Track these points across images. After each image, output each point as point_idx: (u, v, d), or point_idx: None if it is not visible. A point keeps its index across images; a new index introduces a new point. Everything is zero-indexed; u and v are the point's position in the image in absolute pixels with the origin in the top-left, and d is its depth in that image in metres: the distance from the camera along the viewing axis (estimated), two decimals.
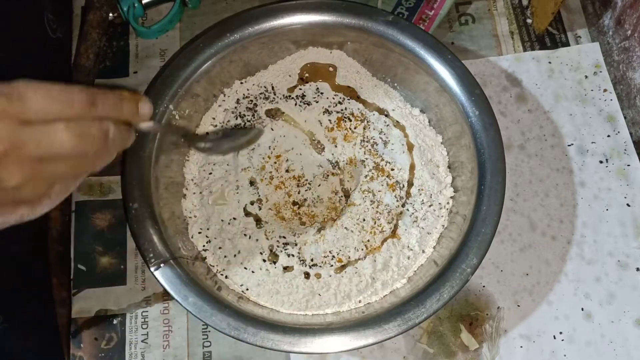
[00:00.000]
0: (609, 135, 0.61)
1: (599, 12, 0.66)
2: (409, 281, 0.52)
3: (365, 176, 0.56)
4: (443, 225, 0.53)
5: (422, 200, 0.55)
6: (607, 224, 0.58)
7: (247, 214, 0.54)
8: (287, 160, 0.57)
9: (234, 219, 0.54)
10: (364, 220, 0.54)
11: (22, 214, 0.34)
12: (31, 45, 0.55)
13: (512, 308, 0.55)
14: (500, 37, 0.65)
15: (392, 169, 0.56)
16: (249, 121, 0.57)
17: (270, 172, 0.56)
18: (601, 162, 0.60)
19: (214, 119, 0.57)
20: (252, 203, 0.55)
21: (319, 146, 0.57)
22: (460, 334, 0.54)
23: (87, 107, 0.33)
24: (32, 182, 0.33)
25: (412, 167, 0.56)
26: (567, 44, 0.65)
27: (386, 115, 0.58)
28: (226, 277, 0.52)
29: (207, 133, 0.56)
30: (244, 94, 0.58)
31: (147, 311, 0.55)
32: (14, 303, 0.56)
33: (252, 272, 0.52)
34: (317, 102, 0.58)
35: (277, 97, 0.58)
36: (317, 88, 0.58)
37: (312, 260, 0.52)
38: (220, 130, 0.56)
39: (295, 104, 0.58)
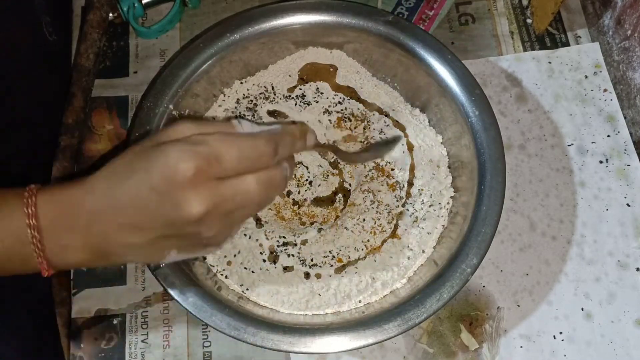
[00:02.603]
0: (609, 135, 0.61)
1: (599, 12, 0.66)
2: (409, 281, 0.52)
3: (365, 176, 0.56)
4: (443, 225, 0.53)
5: (422, 200, 0.55)
6: (607, 224, 0.58)
7: None
8: None
9: None
10: (364, 220, 0.54)
11: (210, 252, 0.42)
12: (28, 49, 0.55)
13: (512, 308, 0.55)
14: (500, 37, 0.65)
15: (392, 169, 0.56)
16: (249, 121, 0.57)
17: None
18: (601, 162, 0.60)
19: (214, 119, 0.57)
20: None
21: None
22: (460, 334, 0.54)
23: (272, 158, 0.37)
24: (224, 230, 0.38)
25: (412, 167, 0.56)
26: (567, 44, 0.65)
27: (386, 115, 0.58)
28: (226, 277, 0.52)
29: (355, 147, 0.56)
30: (244, 94, 0.58)
31: (147, 311, 0.55)
32: (14, 303, 0.56)
33: (252, 272, 0.52)
34: (317, 102, 0.58)
35: (277, 97, 0.58)
36: (317, 88, 0.58)
37: (312, 260, 0.52)
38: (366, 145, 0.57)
39: (295, 104, 0.58)
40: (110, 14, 0.63)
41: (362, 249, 0.53)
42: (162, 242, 0.37)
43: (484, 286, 0.56)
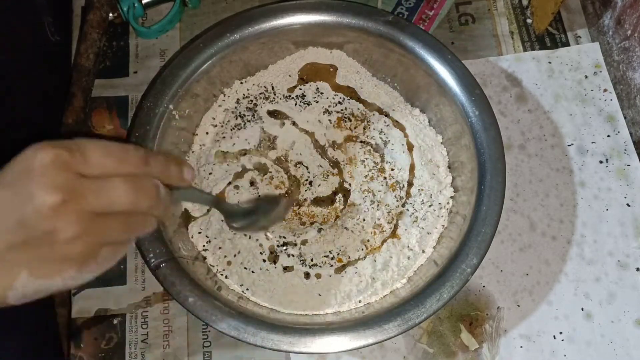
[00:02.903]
0: (609, 135, 0.61)
1: (599, 12, 0.66)
2: (409, 281, 0.52)
3: (365, 176, 0.56)
4: (443, 225, 0.53)
5: (422, 200, 0.55)
6: (607, 224, 0.58)
7: None
8: (287, 160, 0.57)
9: None
10: (364, 220, 0.54)
11: (68, 275, 0.33)
12: (30, 49, 0.55)
13: (512, 308, 0.55)
14: (500, 37, 0.65)
15: (392, 169, 0.56)
16: (249, 121, 0.57)
17: (270, 172, 0.56)
18: (601, 162, 0.60)
19: (214, 119, 0.57)
20: None
21: (319, 146, 0.57)
22: (460, 334, 0.54)
23: (141, 165, 0.35)
24: (85, 238, 0.32)
25: (412, 167, 0.56)
26: (567, 44, 0.65)
27: (386, 115, 0.58)
28: (226, 277, 0.52)
29: (238, 207, 0.53)
30: (244, 94, 0.58)
31: (147, 311, 0.55)
32: (19, 335, 0.56)
33: (252, 272, 0.52)
34: (317, 102, 0.58)
35: (277, 97, 0.58)
36: (317, 88, 0.58)
37: (312, 260, 0.52)
38: (250, 205, 0.53)
39: (295, 104, 0.58)
40: (110, 14, 0.63)
41: (362, 249, 0.53)
42: (11, 256, 0.31)
43: (484, 286, 0.56)
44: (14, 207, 0.30)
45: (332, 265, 0.52)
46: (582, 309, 0.55)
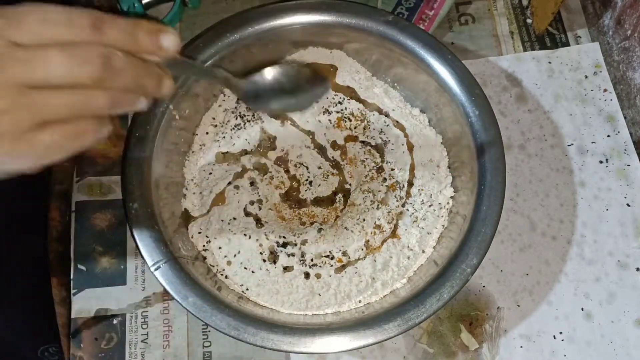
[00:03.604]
0: (609, 135, 0.61)
1: (599, 12, 0.66)
2: (409, 281, 0.52)
3: (365, 176, 0.56)
4: (443, 225, 0.53)
5: (422, 200, 0.55)
6: (607, 224, 0.58)
7: (247, 214, 0.54)
8: (288, 160, 0.57)
9: (234, 219, 0.54)
10: (364, 220, 0.54)
11: (4, 148, 0.29)
12: None
13: (512, 308, 0.55)
14: (500, 37, 0.65)
15: (392, 169, 0.56)
16: (249, 121, 0.57)
17: (270, 172, 0.56)
18: (601, 162, 0.60)
19: (214, 119, 0.57)
20: (252, 203, 0.55)
21: (319, 146, 0.57)
22: (460, 334, 0.54)
23: (90, 31, 0.29)
24: (16, 111, 0.28)
25: (412, 167, 0.56)
26: (567, 44, 0.65)
27: (386, 115, 0.58)
28: (226, 277, 0.52)
29: (258, 73, 0.46)
30: None
31: (147, 311, 0.55)
32: (13, 303, 0.56)
33: (252, 272, 0.52)
34: (317, 102, 0.58)
35: None
36: None
37: (312, 260, 0.52)
38: (272, 80, 0.46)
39: None
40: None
41: (362, 249, 0.53)
42: None
43: (484, 286, 0.56)
44: None
45: (332, 265, 0.52)
46: (582, 309, 0.55)
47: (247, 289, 0.51)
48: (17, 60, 0.28)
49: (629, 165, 0.60)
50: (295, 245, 0.53)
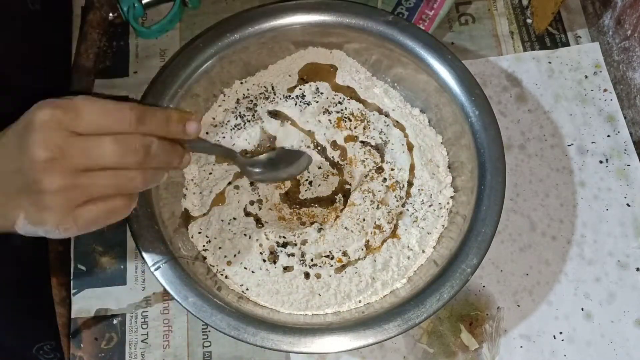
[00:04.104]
0: (609, 135, 0.61)
1: (599, 12, 0.66)
2: (409, 281, 0.52)
3: (365, 176, 0.56)
4: (443, 225, 0.53)
5: (422, 200, 0.55)
6: (607, 224, 0.58)
7: (247, 214, 0.54)
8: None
9: (234, 219, 0.54)
10: (364, 220, 0.54)
11: (50, 224, 0.35)
12: (6, 17, 0.54)
13: (512, 308, 0.55)
14: (500, 37, 0.65)
15: (392, 169, 0.56)
16: (249, 121, 0.57)
17: None
18: (601, 162, 0.60)
19: (214, 119, 0.57)
20: (252, 203, 0.55)
21: (319, 146, 0.57)
22: (460, 334, 0.54)
23: (135, 122, 0.36)
24: (66, 193, 0.35)
25: (412, 167, 0.56)
26: (567, 44, 0.65)
27: (386, 115, 0.58)
28: (226, 277, 0.52)
29: (258, 156, 0.55)
30: (244, 94, 0.58)
31: (147, 311, 0.55)
32: (14, 303, 0.56)
33: (252, 272, 0.52)
34: (317, 102, 0.58)
35: (277, 97, 0.58)
36: (317, 88, 0.58)
37: (312, 260, 0.52)
38: (271, 154, 0.55)
39: (295, 104, 0.58)
40: (110, 14, 0.63)
41: (362, 249, 0.53)
42: (12, 199, 0.36)
43: (484, 286, 0.56)
44: (15, 156, 0.35)
45: (332, 265, 0.52)
46: (582, 309, 0.55)
47: (247, 289, 0.51)
48: (77, 149, 0.35)
49: (629, 165, 0.60)
50: (295, 245, 0.53)
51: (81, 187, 0.35)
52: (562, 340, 0.54)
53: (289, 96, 0.58)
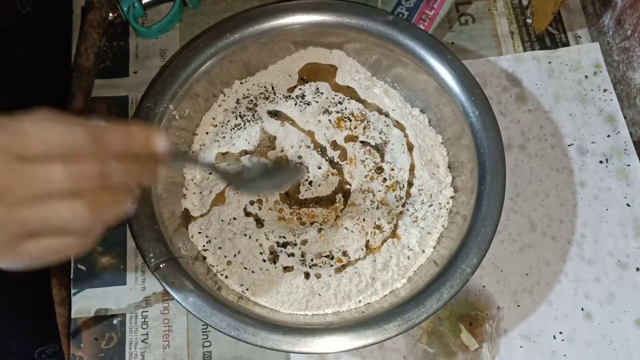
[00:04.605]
0: (609, 135, 0.61)
1: (599, 12, 0.66)
2: (409, 281, 0.52)
3: (365, 176, 0.56)
4: (443, 225, 0.53)
5: (422, 200, 0.55)
6: (607, 224, 0.58)
7: (247, 214, 0.54)
8: (288, 160, 0.56)
9: (234, 219, 0.54)
10: (364, 220, 0.54)
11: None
12: None
13: (512, 308, 0.55)
14: (500, 37, 0.65)
15: (392, 169, 0.56)
16: (249, 121, 0.57)
17: None
18: (601, 162, 0.60)
19: (214, 119, 0.57)
20: (252, 203, 0.55)
21: (319, 146, 0.57)
22: (460, 334, 0.54)
23: (91, 143, 0.31)
24: (8, 225, 0.30)
25: (412, 167, 0.56)
26: (567, 44, 0.65)
27: (386, 115, 0.58)
28: (226, 277, 0.52)
29: (242, 169, 0.52)
30: (244, 94, 0.58)
31: (147, 311, 0.55)
32: (13, 303, 0.56)
33: (252, 272, 0.52)
34: (317, 102, 0.58)
35: (277, 97, 0.58)
36: (317, 88, 0.58)
37: (312, 260, 0.52)
38: (256, 166, 0.52)
39: (295, 104, 0.58)
40: (110, 14, 0.63)
41: (362, 249, 0.53)
42: None
43: (484, 286, 0.56)
44: None
45: (332, 265, 0.52)
46: (582, 309, 0.55)
47: (247, 289, 0.51)
48: (22, 177, 0.29)
49: (629, 165, 0.60)
50: (295, 245, 0.53)
51: (22, 221, 0.30)
52: (562, 340, 0.54)
53: (289, 96, 0.58)
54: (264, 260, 0.52)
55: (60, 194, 0.30)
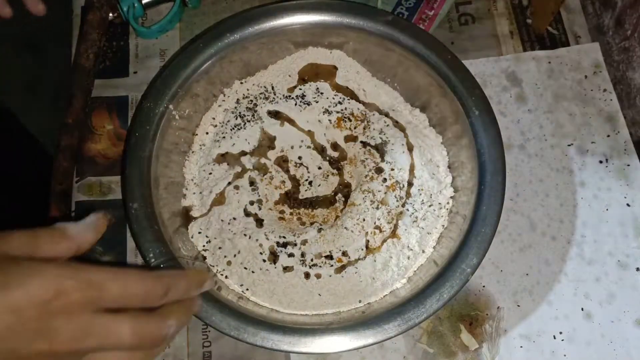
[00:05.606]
0: (609, 135, 0.61)
1: (599, 12, 0.66)
2: (409, 281, 0.52)
3: (365, 176, 0.56)
4: (443, 225, 0.53)
5: (422, 200, 0.55)
6: (607, 224, 0.58)
7: (247, 214, 0.54)
8: (287, 160, 0.57)
9: (234, 219, 0.54)
10: (364, 220, 0.53)
11: None
12: None
13: (512, 308, 0.55)
14: (500, 37, 0.65)
15: (392, 169, 0.56)
16: (249, 121, 0.57)
17: (270, 172, 0.56)
18: (601, 162, 0.60)
19: (214, 119, 0.57)
20: (252, 203, 0.55)
21: (319, 146, 0.57)
22: (460, 334, 0.54)
23: (159, 298, 0.35)
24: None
25: (412, 167, 0.56)
26: (567, 44, 0.65)
27: (386, 115, 0.58)
28: (226, 277, 0.52)
29: None
30: (244, 94, 0.58)
31: None
32: None
33: (252, 272, 0.52)
34: (317, 102, 0.58)
35: (277, 97, 0.58)
36: (317, 88, 0.58)
37: (312, 260, 0.52)
38: None
39: (295, 104, 0.58)
40: (110, 14, 0.63)
41: (362, 249, 0.53)
42: None
43: (484, 286, 0.56)
44: (20, 339, 0.30)
45: (332, 265, 0.52)
46: (582, 309, 0.55)
47: (247, 289, 0.51)
48: (95, 333, 0.32)
49: (629, 165, 0.60)
50: (295, 245, 0.53)
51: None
52: (562, 340, 0.54)
53: (289, 96, 0.58)
54: (264, 260, 0.52)
55: (120, 348, 0.33)
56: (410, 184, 0.55)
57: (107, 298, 0.32)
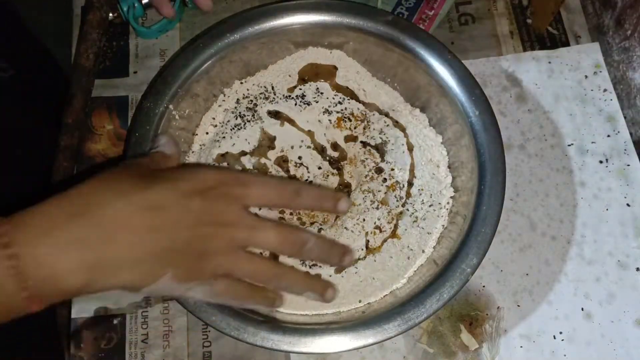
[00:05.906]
0: (609, 135, 0.61)
1: (599, 12, 0.66)
2: (409, 281, 0.52)
3: (365, 176, 0.56)
4: (443, 225, 0.53)
5: (422, 200, 0.55)
6: (607, 224, 0.58)
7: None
8: (287, 160, 0.57)
9: None
10: (364, 220, 0.54)
11: (195, 289, 0.38)
12: None
13: (512, 308, 0.55)
14: (500, 37, 0.65)
15: (392, 169, 0.56)
16: (249, 121, 0.57)
17: (271, 172, 0.56)
18: (601, 162, 0.60)
19: (214, 119, 0.57)
20: None
21: (319, 146, 0.57)
22: (460, 334, 0.54)
23: (294, 197, 0.39)
24: (224, 262, 0.37)
25: (412, 167, 0.56)
26: (567, 44, 0.65)
27: (386, 115, 0.58)
28: None
29: None
30: (244, 94, 0.58)
31: (147, 311, 0.55)
32: None
33: None
34: (317, 102, 0.58)
35: (277, 97, 0.58)
36: (317, 88, 0.58)
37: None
38: None
39: (295, 104, 0.58)
40: (110, 14, 0.63)
41: (362, 249, 0.53)
42: (162, 258, 0.36)
43: (484, 286, 0.56)
44: (183, 211, 0.36)
45: (332, 266, 0.52)
46: (582, 309, 0.55)
47: None
48: (246, 227, 0.38)
49: (629, 165, 0.60)
50: None
51: (233, 263, 0.38)
52: (562, 340, 0.54)
53: (289, 96, 0.58)
54: None
55: (267, 249, 0.41)
56: (410, 184, 0.55)
57: (252, 195, 0.38)
